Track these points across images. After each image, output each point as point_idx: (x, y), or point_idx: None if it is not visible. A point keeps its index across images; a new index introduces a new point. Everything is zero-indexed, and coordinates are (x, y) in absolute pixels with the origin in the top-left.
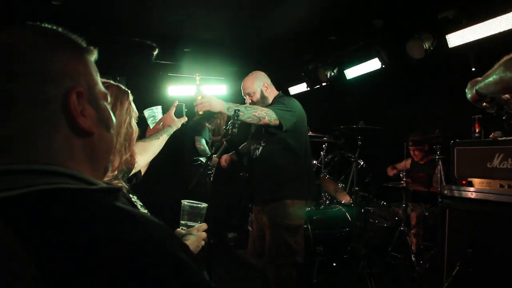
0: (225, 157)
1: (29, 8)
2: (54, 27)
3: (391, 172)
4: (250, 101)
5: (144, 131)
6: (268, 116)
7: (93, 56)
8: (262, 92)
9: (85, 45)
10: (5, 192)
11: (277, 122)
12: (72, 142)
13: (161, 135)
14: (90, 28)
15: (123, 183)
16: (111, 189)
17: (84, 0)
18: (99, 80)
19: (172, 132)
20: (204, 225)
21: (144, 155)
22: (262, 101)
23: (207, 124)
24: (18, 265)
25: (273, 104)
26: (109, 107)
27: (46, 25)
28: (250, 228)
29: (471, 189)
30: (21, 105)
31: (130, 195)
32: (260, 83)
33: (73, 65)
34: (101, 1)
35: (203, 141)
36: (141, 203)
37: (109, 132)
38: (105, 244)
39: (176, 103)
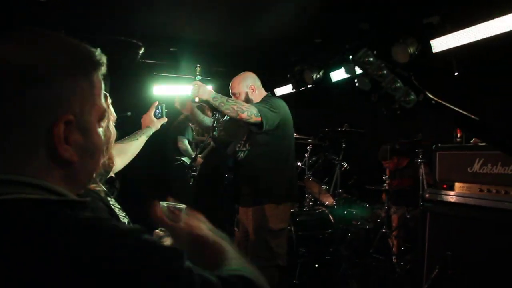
0: None
1: (14, 4)
2: (62, 39)
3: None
4: None
5: (123, 133)
6: (248, 111)
7: (101, 71)
8: (247, 94)
9: (94, 59)
10: None
11: (259, 119)
12: (50, 168)
13: (140, 136)
14: (75, 25)
15: (101, 186)
16: (75, 201)
17: None
18: (100, 98)
19: (151, 133)
20: None
21: (122, 156)
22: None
23: (190, 124)
24: None
25: (258, 103)
26: (104, 125)
27: (53, 36)
28: (236, 229)
29: (452, 193)
30: (5, 126)
31: (108, 198)
32: (246, 85)
33: (70, 90)
34: None
35: (186, 141)
36: (119, 206)
37: (94, 159)
38: (54, 256)
39: (156, 103)
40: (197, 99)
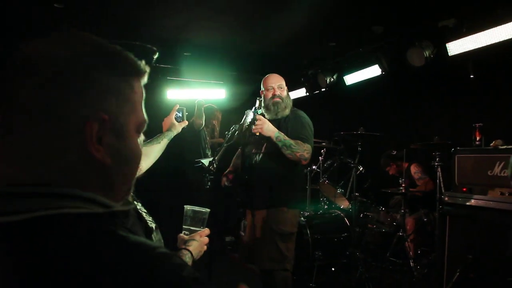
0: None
1: (30, 10)
2: (100, 41)
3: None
4: (276, 93)
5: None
6: (308, 154)
7: (143, 80)
8: (287, 91)
9: (135, 65)
10: (9, 216)
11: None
12: (84, 167)
13: (162, 140)
14: (91, 31)
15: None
16: (117, 213)
17: (86, 3)
18: (141, 107)
19: (172, 136)
20: (206, 231)
21: (145, 160)
22: (287, 100)
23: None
24: None
25: (301, 127)
26: (141, 139)
27: (90, 37)
28: (242, 233)
29: (472, 196)
30: (40, 120)
31: (135, 202)
32: (284, 83)
33: (104, 89)
34: (103, 4)
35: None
36: (145, 211)
37: (129, 166)
38: (95, 273)
39: (177, 107)
40: (257, 133)
